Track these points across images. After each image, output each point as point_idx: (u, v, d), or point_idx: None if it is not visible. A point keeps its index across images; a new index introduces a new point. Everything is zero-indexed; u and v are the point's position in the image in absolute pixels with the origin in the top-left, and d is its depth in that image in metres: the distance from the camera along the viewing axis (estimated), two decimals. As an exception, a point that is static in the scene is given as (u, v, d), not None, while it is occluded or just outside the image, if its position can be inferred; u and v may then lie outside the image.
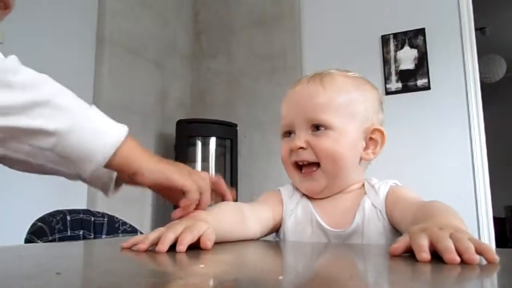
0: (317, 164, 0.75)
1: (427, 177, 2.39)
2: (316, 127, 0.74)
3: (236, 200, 0.81)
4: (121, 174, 0.64)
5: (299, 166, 0.77)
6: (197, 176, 0.66)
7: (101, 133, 0.56)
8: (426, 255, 0.43)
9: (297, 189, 0.81)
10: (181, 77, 2.98)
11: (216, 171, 2.67)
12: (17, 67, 0.53)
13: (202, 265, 0.45)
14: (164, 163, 0.64)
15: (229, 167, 2.70)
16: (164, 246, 0.49)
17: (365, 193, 0.76)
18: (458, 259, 0.41)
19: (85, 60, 2.27)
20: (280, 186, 0.84)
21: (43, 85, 0.54)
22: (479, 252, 0.42)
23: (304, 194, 0.80)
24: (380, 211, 0.73)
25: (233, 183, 2.67)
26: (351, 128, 0.75)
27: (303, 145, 0.74)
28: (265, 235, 0.78)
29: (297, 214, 0.77)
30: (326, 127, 0.74)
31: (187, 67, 3.05)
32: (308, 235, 0.75)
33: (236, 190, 2.69)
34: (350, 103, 0.76)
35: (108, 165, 0.58)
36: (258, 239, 0.74)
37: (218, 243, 0.65)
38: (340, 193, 0.78)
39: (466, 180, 2.31)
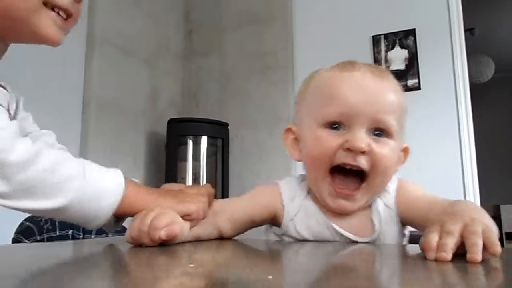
0: (361, 175, 0.62)
1: (416, 176, 2.40)
2: (378, 131, 0.62)
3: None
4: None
5: (334, 171, 0.63)
6: (196, 199, 0.65)
7: (100, 195, 0.57)
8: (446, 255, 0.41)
9: (300, 187, 0.70)
10: (172, 76, 2.97)
11: (207, 171, 2.67)
12: (10, 144, 0.52)
13: (191, 265, 0.45)
14: (163, 197, 0.64)
15: (220, 166, 2.69)
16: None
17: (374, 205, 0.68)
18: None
19: (75, 58, 2.25)
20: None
21: (38, 162, 0.53)
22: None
23: (307, 194, 0.70)
24: (393, 212, 0.67)
25: (224, 182, 2.66)
26: (400, 142, 0.66)
27: (366, 148, 0.60)
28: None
29: (305, 220, 0.68)
30: (388, 135, 0.63)
31: (178, 66, 3.03)
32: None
33: (227, 189, 2.69)
34: (405, 113, 0.66)
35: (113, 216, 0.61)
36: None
37: (208, 243, 0.65)
38: None
39: (455, 179, 2.33)
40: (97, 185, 0.57)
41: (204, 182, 2.63)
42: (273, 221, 0.72)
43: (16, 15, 0.62)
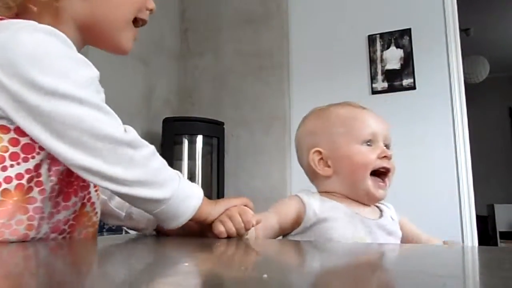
0: (384, 175, 0.90)
1: (411, 175, 2.42)
2: (387, 145, 0.92)
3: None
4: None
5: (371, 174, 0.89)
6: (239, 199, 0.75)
7: (189, 198, 0.66)
8: None
9: (313, 195, 0.90)
10: (167, 75, 2.96)
11: (202, 170, 2.66)
12: (138, 142, 0.62)
13: (186, 264, 0.45)
14: (219, 204, 0.73)
15: (215, 165, 2.69)
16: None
17: (378, 207, 0.95)
18: None
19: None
20: (267, 185, 0.91)
21: (154, 160, 0.63)
22: None
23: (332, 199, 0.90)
24: (396, 222, 0.94)
25: (219, 181, 2.66)
26: None
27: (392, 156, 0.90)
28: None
29: (331, 213, 0.86)
30: (389, 147, 0.94)
31: (174, 65, 3.02)
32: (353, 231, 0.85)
33: (223, 188, 2.68)
34: None
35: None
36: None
37: (204, 241, 0.65)
38: None
39: (450, 179, 2.34)
40: (188, 188, 0.66)
41: (200, 181, 2.62)
42: (298, 224, 0.86)
43: (106, 28, 0.70)
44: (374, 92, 2.56)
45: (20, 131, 0.58)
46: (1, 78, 0.55)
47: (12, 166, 0.58)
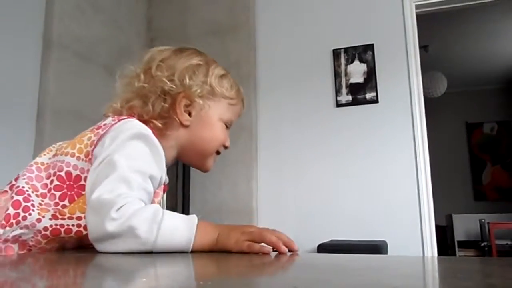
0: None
1: (373, 186, 2.48)
2: None
3: (188, 210, 0.82)
4: None
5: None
6: (247, 228, 0.72)
7: (177, 238, 0.67)
8: None
9: None
10: (133, 84, 2.90)
11: (168, 179, 2.62)
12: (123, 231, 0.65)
13: (144, 279, 0.44)
14: (222, 241, 0.70)
15: (181, 175, 2.65)
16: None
17: None
18: None
19: (30, 64, 2.16)
20: (233, 195, 0.88)
21: (133, 218, 0.66)
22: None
23: None
24: None
25: (185, 191, 2.63)
26: None
27: None
28: None
29: None
30: None
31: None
32: None
33: (189, 198, 2.65)
34: None
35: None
36: None
37: (169, 256, 0.64)
38: None
39: (411, 189, 2.42)
40: (176, 225, 0.68)
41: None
42: None
43: (197, 153, 0.92)
44: (339, 105, 2.62)
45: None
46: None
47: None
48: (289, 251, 0.66)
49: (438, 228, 2.79)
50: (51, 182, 0.77)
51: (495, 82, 5.77)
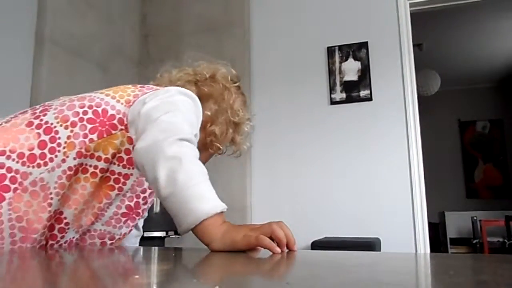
0: None
1: (367, 182, 2.49)
2: None
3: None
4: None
5: None
6: (258, 229, 0.69)
7: (203, 199, 0.69)
8: None
9: None
10: (125, 80, 2.87)
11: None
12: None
13: (137, 276, 0.44)
14: (230, 233, 0.68)
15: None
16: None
17: None
18: None
19: (22, 60, 2.14)
20: (227, 193, 0.87)
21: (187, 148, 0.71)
22: None
23: None
24: None
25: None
26: None
27: None
28: None
29: None
30: None
31: (133, 70, 2.96)
32: None
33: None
34: None
35: (192, 230, 0.67)
36: None
37: (164, 253, 0.64)
38: None
39: (404, 187, 2.43)
40: (207, 192, 0.71)
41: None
42: None
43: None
44: (333, 102, 2.62)
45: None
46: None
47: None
48: (289, 251, 0.66)
49: (431, 225, 2.81)
50: (85, 113, 0.79)
51: (488, 80, 5.80)
